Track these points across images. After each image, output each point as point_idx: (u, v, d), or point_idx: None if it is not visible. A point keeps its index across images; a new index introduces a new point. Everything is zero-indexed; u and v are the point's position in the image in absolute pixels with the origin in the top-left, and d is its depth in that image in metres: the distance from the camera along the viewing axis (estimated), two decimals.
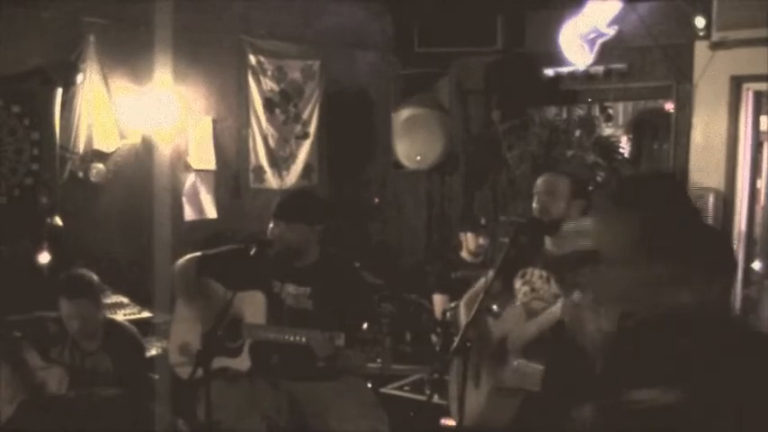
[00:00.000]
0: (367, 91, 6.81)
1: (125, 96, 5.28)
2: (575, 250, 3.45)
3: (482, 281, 3.75)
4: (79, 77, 5.01)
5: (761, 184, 6.41)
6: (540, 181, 3.57)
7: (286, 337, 3.45)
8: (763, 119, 6.07)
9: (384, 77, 6.73)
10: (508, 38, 6.41)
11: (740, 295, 5.27)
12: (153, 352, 4.56)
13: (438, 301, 5.70)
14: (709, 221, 5.50)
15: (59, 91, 4.91)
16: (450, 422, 4.47)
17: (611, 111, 6.45)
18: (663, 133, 6.30)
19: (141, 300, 4.92)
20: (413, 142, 6.29)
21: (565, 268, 3.37)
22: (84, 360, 3.86)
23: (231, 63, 5.98)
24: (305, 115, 6.45)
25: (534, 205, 3.53)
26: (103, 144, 5.19)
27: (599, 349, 3.01)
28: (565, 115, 6.76)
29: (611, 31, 5.91)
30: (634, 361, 3.07)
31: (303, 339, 3.40)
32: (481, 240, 5.80)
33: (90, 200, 5.23)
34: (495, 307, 4.96)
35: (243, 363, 3.55)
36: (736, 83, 5.65)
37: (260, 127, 6.16)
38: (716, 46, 5.57)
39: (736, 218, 5.79)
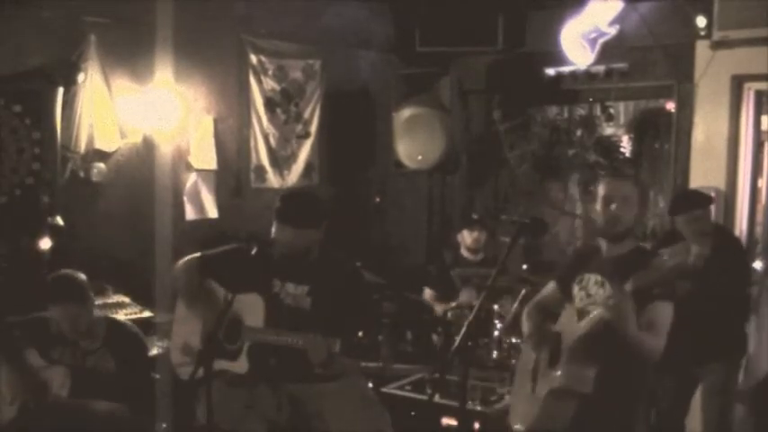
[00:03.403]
0: (368, 90, 6.81)
1: (126, 96, 5.28)
2: (627, 252, 3.36)
3: (548, 287, 3.71)
4: (80, 77, 5.00)
5: (762, 183, 6.41)
6: (608, 185, 3.34)
7: (283, 339, 3.45)
8: (764, 118, 6.07)
9: (385, 77, 6.73)
10: (509, 37, 6.41)
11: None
12: (154, 351, 4.56)
13: (428, 295, 5.78)
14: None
15: (60, 90, 4.91)
16: (452, 422, 4.47)
17: (612, 110, 6.45)
18: (664, 133, 6.31)
19: (142, 299, 4.93)
20: (414, 142, 6.30)
21: (618, 271, 3.27)
22: (84, 359, 3.86)
23: (232, 62, 5.98)
24: (306, 115, 6.45)
25: (601, 213, 3.34)
26: (105, 143, 5.19)
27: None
28: (566, 115, 6.77)
29: (613, 31, 5.91)
30: None
31: (300, 343, 3.40)
32: (476, 234, 5.82)
33: (91, 199, 5.22)
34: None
35: (241, 365, 3.55)
36: (737, 82, 5.66)
37: (261, 126, 6.16)
38: (717, 45, 5.58)
39: (738, 217, 5.80)
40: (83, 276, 3.90)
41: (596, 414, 3.22)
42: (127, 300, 4.92)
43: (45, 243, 4.78)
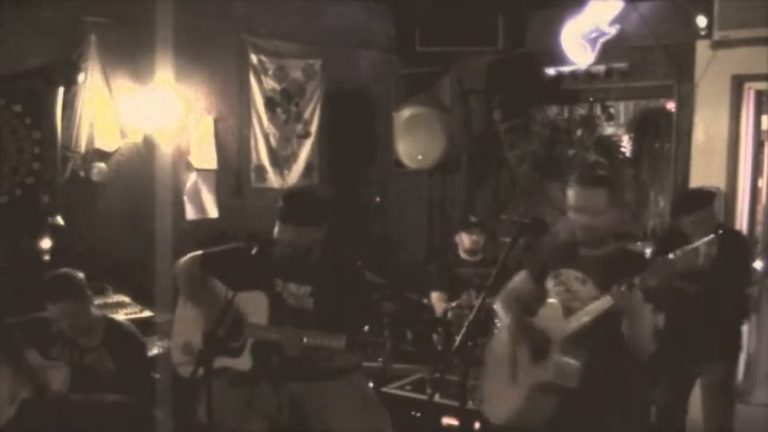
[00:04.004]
0: (368, 90, 6.81)
1: (126, 95, 5.28)
2: (612, 252, 3.38)
3: (516, 278, 3.70)
4: (81, 77, 5.00)
5: (762, 183, 6.42)
6: (577, 195, 3.35)
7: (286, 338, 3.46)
8: (764, 118, 6.08)
9: (385, 77, 6.73)
10: (509, 37, 6.41)
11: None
12: (154, 351, 4.57)
13: (436, 298, 5.70)
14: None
15: (61, 90, 4.91)
16: (452, 421, 4.47)
17: (612, 110, 6.44)
18: (664, 133, 6.31)
19: (143, 299, 4.93)
20: (414, 141, 6.29)
21: (602, 270, 3.29)
22: (83, 357, 3.87)
23: (232, 62, 5.98)
24: (306, 114, 6.45)
25: (576, 221, 3.35)
26: (105, 143, 5.19)
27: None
28: (566, 114, 6.76)
29: (613, 31, 5.91)
30: None
31: (305, 340, 3.40)
32: (475, 237, 5.79)
33: (91, 199, 5.23)
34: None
35: (244, 363, 3.55)
36: (738, 82, 5.66)
37: (261, 126, 6.16)
38: (717, 45, 5.58)
39: (738, 217, 5.79)
40: (80, 274, 3.91)
41: (579, 407, 3.24)
42: (127, 300, 4.92)
43: (45, 243, 4.79)
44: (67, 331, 3.84)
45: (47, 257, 4.78)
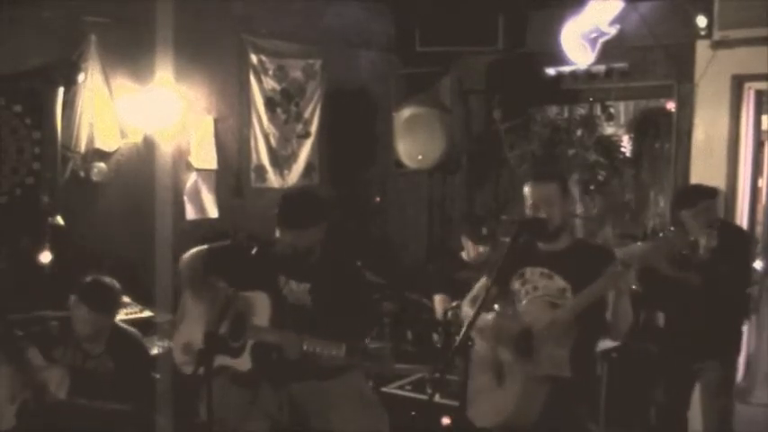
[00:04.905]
0: (368, 90, 6.81)
1: (126, 95, 5.28)
2: (571, 244, 3.50)
3: (482, 281, 3.75)
4: (81, 77, 5.00)
5: (762, 183, 6.42)
6: (531, 190, 3.47)
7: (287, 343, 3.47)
8: (764, 118, 6.08)
9: (385, 77, 6.73)
10: (509, 37, 6.41)
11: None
12: (155, 351, 4.56)
13: (439, 301, 5.67)
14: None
15: (61, 90, 4.91)
16: (452, 421, 4.47)
17: (612, 110, 6.44)
18: (664, 132, 6.31)
19: (143, 299, 4.93)
20: (414, 141, 6.29)
21: (566, 263, 3.38)
22: (85, 362, 3.86)
23: (232, 62, 5.98)
24: (306, 114, 6.45)
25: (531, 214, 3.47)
26: (105, 143, 5.19)
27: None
28: (566, 114, 6.76)
29: (613, 31, 5.91)
30: None
31: (304, 347, 3.41)
32: (481, 249, 5.75)
33: (91, 199, 5.23)
34: (496, 307, 4.96)
35: (244, 363, 3.55)
36: (738, 82, 5.66)
37: (261, 126, 6.16)
38: (717, 45, 5.58)
39: (738, 217, 5.79)
40: (119, 289, 3.90)
41: (567, 395, 3.30)
42: (127, 300, 4.91)
43: (45, 244, 4.79)
44: (79, 333, 3.83)
45: (47, 258, 4.78)
